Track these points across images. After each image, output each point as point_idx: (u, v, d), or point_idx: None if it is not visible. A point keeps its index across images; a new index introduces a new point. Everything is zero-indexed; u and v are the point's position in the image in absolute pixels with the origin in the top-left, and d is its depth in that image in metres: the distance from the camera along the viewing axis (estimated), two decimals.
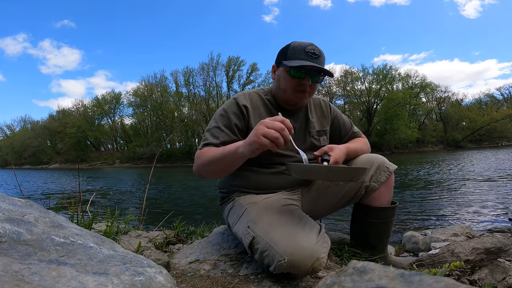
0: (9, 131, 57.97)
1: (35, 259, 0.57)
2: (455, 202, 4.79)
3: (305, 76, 1.12)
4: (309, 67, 1.10)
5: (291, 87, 1.15)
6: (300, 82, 1.13)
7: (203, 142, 1.16)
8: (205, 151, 1.10)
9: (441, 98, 42.46)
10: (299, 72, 1.12)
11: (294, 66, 1.09)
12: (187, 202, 6.95)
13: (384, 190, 1.22)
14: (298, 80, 1.13)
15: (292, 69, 1.12)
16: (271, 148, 0.84)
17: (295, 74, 1.12)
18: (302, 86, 1.14)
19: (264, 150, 0.87)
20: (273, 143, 0.83)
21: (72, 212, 1.41)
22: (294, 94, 1.16)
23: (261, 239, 0.96)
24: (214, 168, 1.06)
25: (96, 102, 46.86)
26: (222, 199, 1.31)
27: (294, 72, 1.12)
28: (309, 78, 1.13)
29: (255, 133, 0.86)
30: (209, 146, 1.12)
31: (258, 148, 0.86)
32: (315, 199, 1.25)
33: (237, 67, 41.05)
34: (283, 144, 0.84)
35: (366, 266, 0.38)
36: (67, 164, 41.44)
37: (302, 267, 0.89)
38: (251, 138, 0.88)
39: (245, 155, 0.93)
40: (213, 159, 1.04)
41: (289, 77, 1.14)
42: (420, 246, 1.60)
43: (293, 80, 1.14)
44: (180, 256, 1.25)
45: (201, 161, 1.08)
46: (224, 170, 1.06)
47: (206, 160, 1.06)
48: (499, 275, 1.01)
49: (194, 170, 1.12)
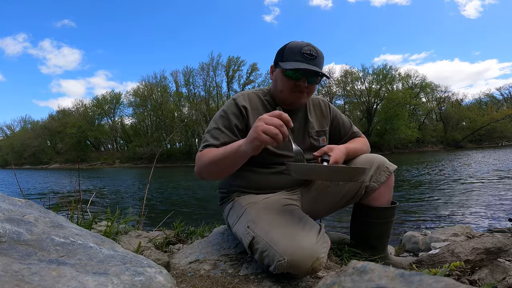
0: (9, 131, 58.08)
1: (35, 259, 0.57)
2: (455, 202, 4.79)
3: (301, 78, 1.12)
4: (303, 70, 1.10)
5: (288, 88, 1.15)
6: (296, 83, 1.13)
7: (204, 143, 1.15)
8: (206, 152, 1.10)
9: (441, 98, 42.48)
10: (295, 74, 1.11)
11: (288, 68, 1.09)
12: (187, 202, 6.95)
13: (384, 190, 1.22)
14: (294, 82, 1.13)
15: (288, 71, 1.12)
16: (271, 144, 0.86)
17: (291, 76, 1.12)
18: (298, 88, 1.14)
19: (265, 147, 0.89)
20: (273, 139, 0.85)
21: (72, 212, 1.41)
22: (291, 94, 1.16)
23: (261, 239, 0.96)
24: (216, 169, 1.05)
25: (96, 102, 46.89)
26: (222, 199, 1.31)
27: (290, 74, 1.12)
28: (305, 80, 1.12)
29: (255, 130, 0.87)
30: (209, 147, 1.12)
31: (259, 145, 0.88)
32: (314, 199, 1.25)
33: (237, 67, 41.12)
34: (282, 139, 0.86)
35: (366, 266, 0.38)
36: (67, 164, 41.44)
37: (302, 267, 0.89)
38: (251, 135, 0.89)
39: (247, 153, 0.94)
40: (214, 159, 1.04)
41: (285, 78, 1.14)
42: (420, 246, 1.60)
43: (289, 82, 1.14)
44: (180, 256, 1.25)
45: (202, 162, 1.08)
46: (225, 170, 1.06)
47: (207, 161, 1.06)
48: (499, 275, 1.01)
49: (195, 172, 1.12)
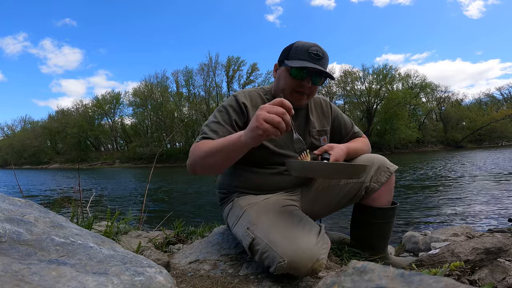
0: (9, 131, 58.07)
1: (35, 259, 0.57)
2: (455, 202, 4.79)
3: (306, 77, 1.11)
4: (310, 69, 1.09)
5: (290, 87, 1.14)
6: (300, 83, 1.12)
7: (201, 135, 1.09)
8: (202, 144, 1.03)
9: (441, 98, 42.46)
10: (300, 73, 1.10)
11: (295, 66, 1.08)
12: (187, 202, 6.95)
13: (385, 191, 1.22)
14: (298, 81, 1.12)
15: (293, 69, 1.10)
16: (273, 133, 0.80)
17: (296, 75, 1.11)
18: (301, 88, 1.13)
19: (267, 138, 0.83)
20: (275, 128, 0.79)
21: (72, 212, 1.41)
22: (292, 94, 1.15)
23: (261, 241, 0.96)
24: (212, 161, 0.98)
25: (96, 102, 46.85)
26: (221, 199, 1.31)
27: (295, 73, 1.10)
28: (309, 80, 1.11)
29: (256, 119, 0.81)
30: (207, 139, 1.06)
31: (261, 135, 0.81)
32: (314, 200, 1.24)
33: (237, 67, 41.10)
34: (285, 128, 0.81)
35: (366, 266, 0.38)
36: (67, 164, 41.44)
37: (302, 268, 0.89)
38: (253, 125, 0.82)
39: (248, 144, 0.87)
40: (211, 150, 0.97)
41: (289, 77, 1.12)
42: (420, 246, 1.60)
43: (293, 81, 1.12)
44: (180, 256, 1.25)
45: (198, 153, 1.01)
46: (222, 163, 0.98)
47: (203, 152, 0.99)
48: (499, 275, 1.01)
49: (188, 165, 1.04)
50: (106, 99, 47.07)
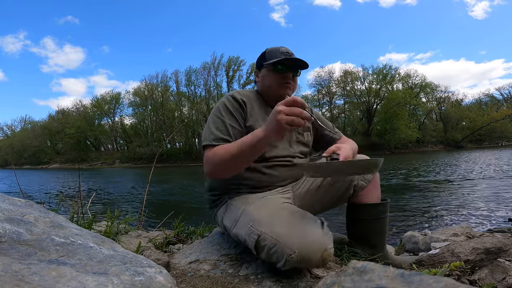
0: (9, 131, 58.09)
1: (35, 259, 0.57)
2: (455, 202, 4.79)
3: (287, 71, 1.23)
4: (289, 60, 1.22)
5: (276, 82, 1.24)
6: (283, 76, 1.23)
7: (212, 137, 1.12)
8: (218, 149, 1.07)
9: (441, 98, 42.47)
10: (283, 66, 1.23)
11: (277, 61, 1.20)
12: (187, 202, 6.95)
13: (372, 187, 1.27)
14: (282, 75, 1.23)
15: (277, 65, 1.22)
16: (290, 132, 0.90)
17: (280, 69, 1.23)
18: (285, 79, 1.24)
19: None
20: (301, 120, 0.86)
21: (72, 212, 1.41)
22: (280, 87, 1.24)
23: (267, 236, 0.95)
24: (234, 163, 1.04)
25: (96, 102, 46.81)
26: (212, 202, 1.29)
27: (279, 67, 1.22)
28: (290, 73, 1.24)
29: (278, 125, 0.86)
30: (218, 141, 1.11)
31: (283, 136, 0.91)
32: (303, 197, 1.26)
33: (237, 67, 41.11)
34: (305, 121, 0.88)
35: (366, 266, 0.38)
36: (67, 164, 41.42)
37: (313, 259, 0.89)
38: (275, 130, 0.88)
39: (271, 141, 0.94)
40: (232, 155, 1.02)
41: (273, 73, 1.24)
42: (420, 246, 1.60)
43: (278, 75, 1.24)
44: (180, 256, 1.25)
45: (218, 160, 1.05)
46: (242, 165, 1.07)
47: (224, 158, 1.04)
48: (499, 275, 1.01)
49: (208, 172, 1.09)
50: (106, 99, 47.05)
